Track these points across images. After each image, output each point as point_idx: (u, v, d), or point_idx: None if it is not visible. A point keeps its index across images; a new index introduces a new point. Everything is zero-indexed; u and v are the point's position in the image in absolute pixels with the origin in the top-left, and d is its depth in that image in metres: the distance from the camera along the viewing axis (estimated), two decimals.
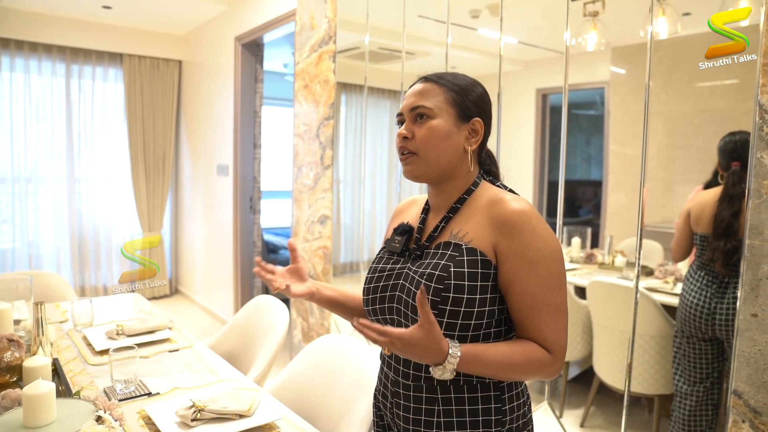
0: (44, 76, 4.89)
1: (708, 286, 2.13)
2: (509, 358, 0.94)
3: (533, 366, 0.95)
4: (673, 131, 3.28)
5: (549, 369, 0.96)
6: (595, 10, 3.27)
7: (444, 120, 1.04)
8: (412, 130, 1.05)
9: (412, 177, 1.07)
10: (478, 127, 1.06)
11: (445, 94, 1.04)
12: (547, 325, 0.96)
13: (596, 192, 4.23)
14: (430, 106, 1.04)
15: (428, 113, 1.04)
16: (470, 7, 3.27)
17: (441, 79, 1.06)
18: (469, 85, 1.07)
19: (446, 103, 1.04)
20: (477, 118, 1.06)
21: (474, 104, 1.06)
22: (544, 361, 0.96)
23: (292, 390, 1.71)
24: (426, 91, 1.05)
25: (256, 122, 4.46)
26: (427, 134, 1.03)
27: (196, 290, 5.43)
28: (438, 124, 1.03)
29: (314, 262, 3.41)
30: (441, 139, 1.03)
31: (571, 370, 3.14)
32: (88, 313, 2.09)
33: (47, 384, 1.24)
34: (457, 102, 1.04)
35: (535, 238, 0.95)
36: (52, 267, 5.08)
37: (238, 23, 4.30)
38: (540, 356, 0.96)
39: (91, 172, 5.21)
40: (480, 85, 1.10)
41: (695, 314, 2.15)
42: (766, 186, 1.44)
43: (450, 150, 1.04)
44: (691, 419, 2.21)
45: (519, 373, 0.97)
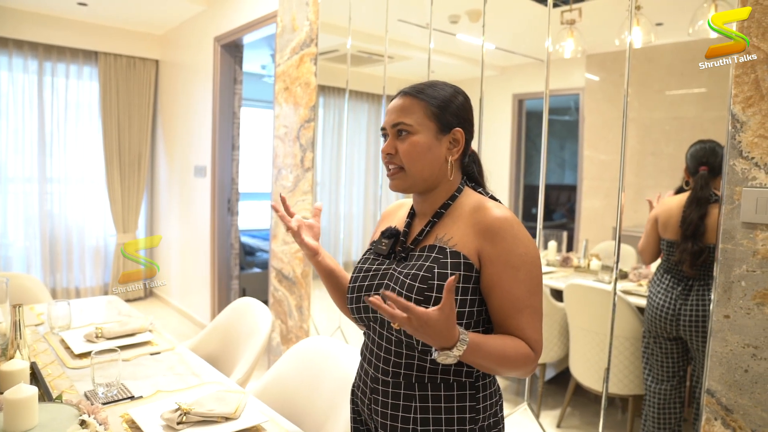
0: (15, 73, 4.76)
1: (673, 288, 2.20)
2: (503, 350, 0.98)
3: (521, 360, 1.00)
4: (645, 138, 3.37)
5: (531, 365, 1.02)
6: (572, 18, 3.35)
7: (425, 135, 1.07)
8: (395, 146, 1.09)
9: (398, 190, 1.12)
10: (458, 137, 1.09)
11: (425, 109, 1.07)
12: (528, 325, 1.01)
13: (570, 196, 4.31)
14: (410, 123, 1.07)
15: (409, 129, 1.07)
16: (449, 13, 3.32)
17: (420, 94, 1.09)
18: (449, 97, 1.09)
19: (426, 117, 1.07)
20: (457, 128, 1.09)
21: (454, 115, 1.09)
22: (529, 356, 1.00)
23: (276, 392, 1.71)
24: (406, 107, 1.09)
25: (235, 123, 4.42)
26: (409, 150, 1.07)
27: (171, 293, 5.35)
28: (419, 140, 1.07)
29: (293, 264, 3.40)
30: (423, 153, 1.07)
31: (548, 372, 3.20)
32: (66, 315, 2.05)
33: (29, 388, 1.21)
34: (437, 116, 1.07)
35: (517, 245, 1.01)
36: (21, 268, 4.95)
37: (218, 24, 4.27)
38: (527, 351, 1.00)
39: (64, 172, 5.09)
40: (461, 94, 1.12)
41: (661, 315, 2.23)
42: (738, 192, 1.50)
43: (433, 162, 1.08)
44: (661, 416, 2.28)
45: (509, 366, 1.00)
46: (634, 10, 2.92)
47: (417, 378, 1.05)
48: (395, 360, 1.07)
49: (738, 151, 1.51)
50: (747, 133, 1.49)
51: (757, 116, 1.47)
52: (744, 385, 1.50)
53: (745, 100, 1.49)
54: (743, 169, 1.50)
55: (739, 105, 1.50)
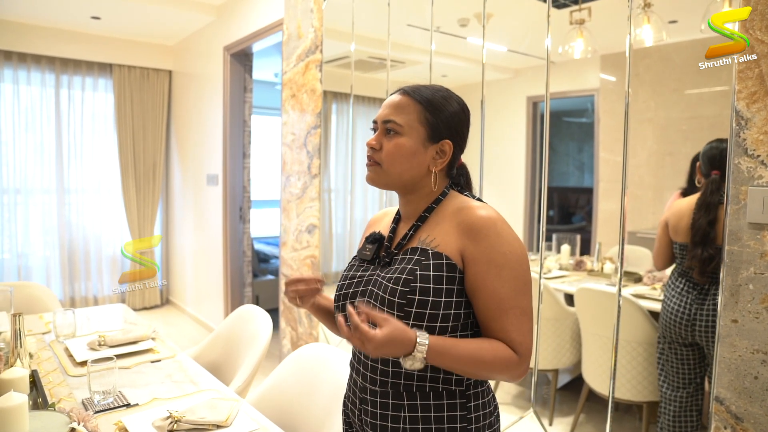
0: (33, 87, 4.88)
1: (688, 293, 2.14)
2: (478, 354, 0.95)
3: (501, 364, 0.97)
4: (662, 138, 3.30)
5: (515, 369, 0.98)
6: (582, 18, 3.30)
7: (412, 139, 1.05)
8: (381, 141, 1.07)
9: (372, 183, 1.10)
10: (446, 149, 1.07)
11: (419, 112, 1.05)
12: (514, 327, 0.98)
13: (589, 199, 4.24)
14: (400, 123, 1.05)
15: (398, 129, 1.05)
16: (459, 16, 3.30)
17: (417, 95, 1.06)
18: (446, 105, 1.06)
19: (417, 121, 1.05)
20: (447, 140, 1.06)
21: (445, 124, 1.06)
22: (511, 360, 0.97)
23: (273, 399, 1.70)
24: (401, 105, 1.06)
25: (246, 132, 4.45)
26: (393, 150, 1.05)
27: (186, 300, 5.40)
28: (405, 143, 1.05)
29: (303, 271, 3.40)
30: (406, 157, 1.05)
31: (561, 378, 3.13)
32: (71, 324, 2.07)
33: (19, 396, 1.22)
34: (429, 122, 1.05)
35: (500, 243, 0.98)
36: (41, 278, 5.05)
37: (227, 33, 4.31)
38: (507, 355, 0.97)
39: (81, 182, 5.19)
40: (457, 102, 1.09)
41: (676, 320, 2.16)
42: (743, 192, 1.45)
43: (414, 168, 1.06)
44: (676, 424, 2.21)
45: (486, 369, 0.97)
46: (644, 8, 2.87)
47: (405, 387, 1.03)
48: (382, 368, 1.05)
49: (743, 149, 1.45)
50: (752, 130, 1.44)
51: (762, 112, 1.42)
52: (754, 393, 1.44)
53: (749, 96, 1.44)
54: (749, 167, 1.44)
55: (743, 101, 1.45)
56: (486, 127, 2.42)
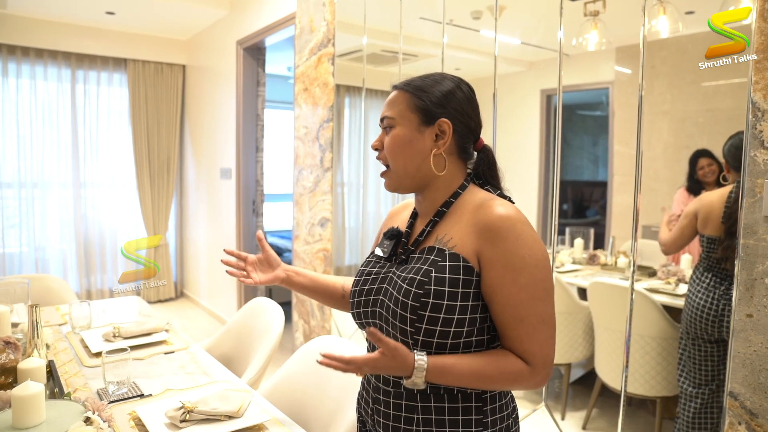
0: (50, 82, 4.94)
1: (716, 288, 2.10)
2: (482, 371, 0.92)
3: (508, 379, 0.93)
4: (678, 131, 3.25)
5: (528, 381, 0.94)
6: (596, 9, 3.25)
7: (405, 127, 1.02)
8: (382, 140, 1.06)
9: (390, 190, 1.07)
10: (445, 128, 1.01)
11: (408, 100, 1.03)
12: (529, 336, 0.93)
13: (603, 193, 4.20)
14: (392, 116, 1.03)
15: (392, 123, 1.04)
16: (472, 9, 3.27)
17: (406, 86, 1.04)
18: (432, 84, 1.02)
19: (408, 109, 1.02)
20: (444, 119, 1.01)
21: (437, 104, 1.01)
22: (520, 373, 0.93)
23: (285, 392, 1.71)
24: (393, 100, 1.05)
25: (259, 126, 4.47)
26: (390, 144, 1.03)
27: (200, 293, 5.45)
28: (398, 133, 1.03)
29: (315, 264, 3.41)
30: (403, 147, 1.02)
31: (574, 372, 3.12)
32: (86, 315, 2.10)
33: (36, 385, 1.24)
34: (418, 106, 1.01)
35: (519, 245, 0.92)
36: (58, 271, 5.13)
37: (239, 27, 4.32)
38: (516, 369, 0.93)
39: (97, 176, 5.25)
40: (451, 81, 1.04)
41: (702, 316, 2.13)
42: (759, 185, 1.42)
43: (415, 156, 1.02)
44: (696, 421, 2.18)
45: (493, 385, 0.95)
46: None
47: (418, 389, 0.99)
48: None
49: (759, 141, 1.43)
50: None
51: None
52: None
53: (766, 87, 1.42)
54: (765, 160, 1.42)
55: (759, 92, 1.43)
56: (499, 121, 2.40)
